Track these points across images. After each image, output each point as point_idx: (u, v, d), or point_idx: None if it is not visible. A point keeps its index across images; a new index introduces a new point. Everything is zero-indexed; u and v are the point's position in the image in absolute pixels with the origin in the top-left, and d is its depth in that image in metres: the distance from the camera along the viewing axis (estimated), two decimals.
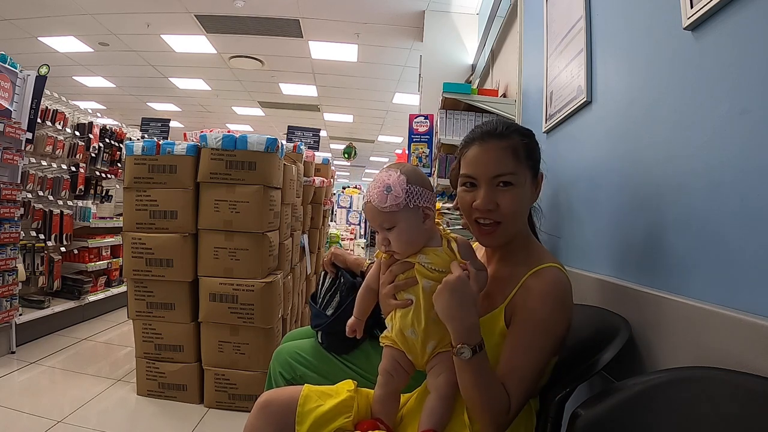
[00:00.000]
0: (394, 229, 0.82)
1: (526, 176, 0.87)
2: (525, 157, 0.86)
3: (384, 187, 0.80)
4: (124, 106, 8.20)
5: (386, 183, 0.80)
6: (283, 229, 2.53)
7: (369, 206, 0.83)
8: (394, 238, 0.82)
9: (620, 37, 1.14)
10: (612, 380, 0.95)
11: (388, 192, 0.79)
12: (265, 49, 5.42)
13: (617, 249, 1.09)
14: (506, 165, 0.85)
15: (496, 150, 0.86)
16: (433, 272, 0.81)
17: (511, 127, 0.89)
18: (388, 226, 0.82)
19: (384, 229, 0.83)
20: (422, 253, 0.83)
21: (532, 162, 0.88)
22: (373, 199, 0.81)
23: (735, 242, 0.70)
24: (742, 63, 0.70)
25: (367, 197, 0.83)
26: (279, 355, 1.37)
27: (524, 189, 0.86)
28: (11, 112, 2.80)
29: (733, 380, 0.59)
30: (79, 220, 3.58)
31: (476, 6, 3.93)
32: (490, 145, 0.86)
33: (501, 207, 0.85)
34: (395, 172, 0.82)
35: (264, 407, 0.89)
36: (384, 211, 0.80)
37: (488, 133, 0.87)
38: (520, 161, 0.86)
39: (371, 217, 0.84)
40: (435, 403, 0.83)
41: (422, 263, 0.82)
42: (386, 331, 0.90)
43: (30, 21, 4.77)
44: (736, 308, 0.68)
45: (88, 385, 2.36)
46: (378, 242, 0.86)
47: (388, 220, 0.81)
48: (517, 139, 0.87)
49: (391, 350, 0.88)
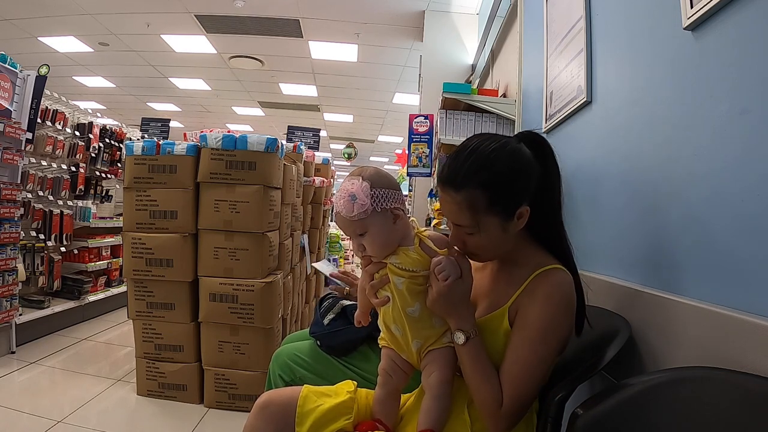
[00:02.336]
0: (366, 234, 0.83)
1: (493, 224, 0.81)
2: (486, 207, 0.80)
3: (349, 197, 0.80)
4: (124, 106, 8.20)
5: (350, 192, 0.80)
6: (283, 229, 2.53)
7: (338, 216, 0.83)
8: (368, 244, 0.83)
9: (620, 37, 1.14)
10: (612, 380, 0.95)
11: (354, 200, 0.79)
12: (265, 49, 5.42)
13: (617, 249, 1.09)
14: (462, 219, 0.82)
15: (452, 203, 0.82)
16: (404, 271, 0.83)
17: (475, 175, 0.80)
18: (360, 232, 0.83)
19: (357, 235, 0.83)
20: (393, 254, 0.85)
21: (500, 207, 0.81)
22: (340, 209, 0.81)
23: (735, 242, 0.70)
24: (742, 63, 0.70)
25: (336, 207, 0.83)
26: (278, 357, 1.37)
27: (490, 233, 0.82)
28: (11, 112, 2.80)
29: (733, 380, 0.59)
30: (79, 220, 3.58)
31: (476, 6, 3.93)
32: (447, 196, 0.83)
33: (468, 247, 0.85)
34: (357, 180, 0.82)
35: (263, 408, 0.89)
36: (353, 219, 0.81)
37: (448, 181, 0.82)
38: (478, 213, 0.80)
39: (343, 226, 0.84)
40: (429, 402, 0.84)
41: (393, 263, 0.84)
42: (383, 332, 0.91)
43: (30, 21, 4.77)
44: (736, 308, 0.68)
45: (88, 385, 2.36)
46: (354, 249, 0.88)
47: (359, 227, 0.82)
48: (476, 191, 0.79)
49: (387, 350, 0.90)
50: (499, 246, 0.85)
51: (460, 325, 0.81)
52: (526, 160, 0.83)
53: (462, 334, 0.81)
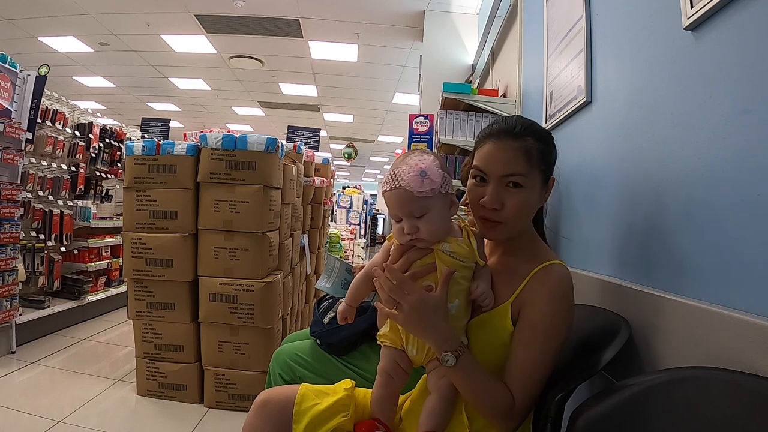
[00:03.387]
0: (426, 216, 0.78)
1: (537, 180, 0.85)
2: (538, 161, 0.84)
3: (418, 172, 0.75)
4: (124, 106, 8.20)
5: (420, 167, 0.76)
6: (283, 229, 2.53)
7: (400, 192, 0.78)
8: (425, 225, 0.78)
9: (620, 37, 1.14)
10: (612, 380, 0.95)
11: (423, 177, 0.75)
12: (265, 49, 5.42)
13: (617, 249, 1.09)
14: (517, 166, 0.83)
15: (509, 150, 0.84)
16: (456, 261, 0.81)
17: (530, 128, 0.87)
18: (419, 214, 0.78)
19: (413, 216, 0.78)
20: (445, 241, 0.82)
21: (545, 166, 0.86)
22: (408, 184, 0.76)
23: (735, 242, 0.70)
24: (742, 63, 0.70)
25: (396, 182, 0.77)
26: (278, 356, 1.37)
27: (533, 192, 0.85)
28: (11, 112, 2.80)
29: (733, 380, 0.59)
30: (79, 220, 3.58)
31: (476, 6, 3.93)
32: (504, 143, 0.84)
33: (506, 207, 0.84)
34: (428, 156, 0.79)
35: (262, 406, 0.89)
36: (420, 196, 0.76)
37: (505, 131, 0.86)
38: (532, 164, 0.84)
39: (402, 202, 0.78)
40: (436, 404, 0.82)
41: (445, 251, 0.81)
42: (384, 328, 0.88)
43: (30, 21, 4.77)
44: (736, 308, 0.68)
45: (88, 385, 2.36)
46: (399, 231, 0.81)
47: (421, 206, 0.78)
48: (533, 141, 0.84)
49: (389, 350, 0.86)
50: (529, 214, 0.88)
51: (445, 346, 0.77)
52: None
53: (451, 356, 0.76)
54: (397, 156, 0.86)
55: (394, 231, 0.83)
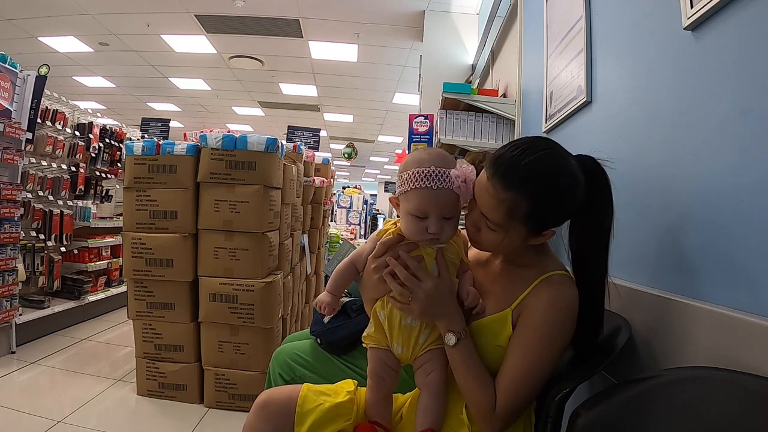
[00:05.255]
0: (453, 219, 0.82)
1: (517, 231, 0.79)
2: (522, 217, 0.77)
3: (464, 180, 0.79)
4: (124, 106, 8.19)
5: (466, 175, 0.79)
6: (283, 229, 2.53)
7: (448, 194, 0.78)
8: (450, 227, 0.82)
9: (620, 37, 1.14)
10: (612, 380, 0.95)
11: (468, 185, 0.80)
12: (265, 49, 5.42)
13: (617, 249, 1.09)
14: (494, 215, 0.79)
15: (493, 198, 0.77)
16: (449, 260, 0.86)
17: (531, 176, 0.76)
18: (451, 215, 0.82)
19: (443, 218, 0.80)
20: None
21: (534, 223, 0.78)
22: (459, 189, 0.78)
23: (733, 242, 0.70)
24: (742, 63, 0.70)
25: (447, 183, 0.77)
26: (278, 356, 1.37)
27: (509, 238, 0.80)
28: (11, 112, 2.80)
29: (733, 380, 0.59)
30: (79, 220, 3.58)
31: (476, 6, 3.93)
32: (493, 186, 0.78)
33: (481, 236, 0.83)
34: (467, 165, 0.81)
35: (263, 407, 0.89)
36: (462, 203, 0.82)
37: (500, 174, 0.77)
38: (512, 219, 0.78)
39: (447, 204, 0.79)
40: (428, 401, 0.84)
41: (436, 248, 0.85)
42: (368, 329, 0.89)
43: (30, 21, 4.77)
44: (737, 308, 0.68)
45: (88, 385, 2.36)
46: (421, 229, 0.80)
47: (457, 210, 0.82)
48: (523, 199, 0.75)
49: (376, 351, 0.87)
50: (510, 250, 0.86)
51: (450, 325, 0.82)
52: (579, 190, 0.79)
53: (453, 335, 0.81)
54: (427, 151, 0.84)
55: (412, 227, 0.81)
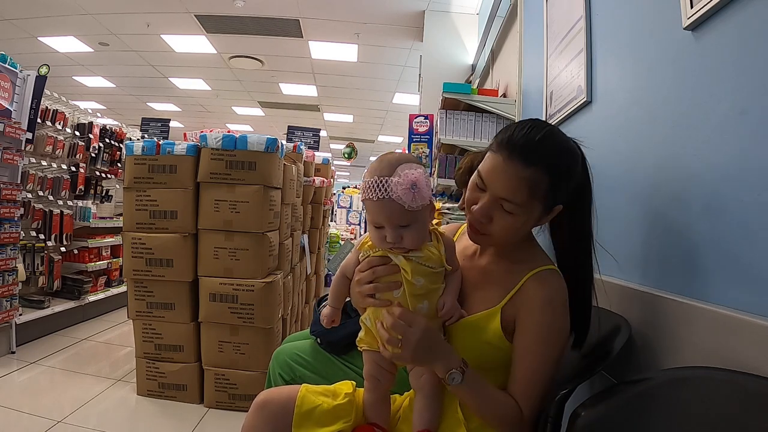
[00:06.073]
0: (412, 226, 0.77)
1: (535, 210, 0.80)
2: (542, 195, 0.78)
3: (410, 185, 0.73)
4: (124, 106, 8.20)
5: (411, 180, 0.73)
6: (283, 229, 2.53)
7: (389, 203, 0.75)
8: (411, 235, 0.77)
9: (620, 37, 1.14)
10: (612, 380, 0.95)
11: (415, 190, 0.73)
12: (265, 49, 5.42)
13: (617, 249, 1.09)
14: (516, 196, 0.77)
15: (514, 177, 0.76)
16: (426, 268, 0.80)
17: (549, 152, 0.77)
18: (406, 223, 0.77)
19: (399, 226, 0.77)
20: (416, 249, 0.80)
21: (550, 199, 0.79)
22: (399, 197, 0.74)
23: (733, 242, 0.70)
24: (742, 63, 0.70)
25: (385, 193, 0.74)
26: (278, 356, 1.37)
27: (526, 220, 0.81)
28: (11, 112, 2.80)
29: (733, 380, 0.59)
30: (79, 220, 3.58)
31: (476, 6, 3.93)
32: (513, 167, 0.77)
33: (494, 225, 0.81)
34: (418, 168, 0.76)
35: (262, 407, 0.89)
36: (411, 210, 0.75)
37: (520, 151, 0.77)
38: (534, 197, 0.78)
39: (392, 214, 0.76)
40: (422, 402, 0.84)
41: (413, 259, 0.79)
42: (361, 332, 0.88)
43: (30, 21, 4.77)
44: (737, 308, 0.68)
45: (88, 385, 2.36)
46: (380, 238, 0.78)
47: (409, 218, 0.76)
48: (544, 174, 0.76)
49: (370, 354, 0.87)
50: (520, 233, 0.84)
51: (449, 364, 0.76)
52: (582, 164, 0.85)
53: (457, 373, 0.75)
54: (380, 158, 0.80)
55: (373, 236, 0.80)
